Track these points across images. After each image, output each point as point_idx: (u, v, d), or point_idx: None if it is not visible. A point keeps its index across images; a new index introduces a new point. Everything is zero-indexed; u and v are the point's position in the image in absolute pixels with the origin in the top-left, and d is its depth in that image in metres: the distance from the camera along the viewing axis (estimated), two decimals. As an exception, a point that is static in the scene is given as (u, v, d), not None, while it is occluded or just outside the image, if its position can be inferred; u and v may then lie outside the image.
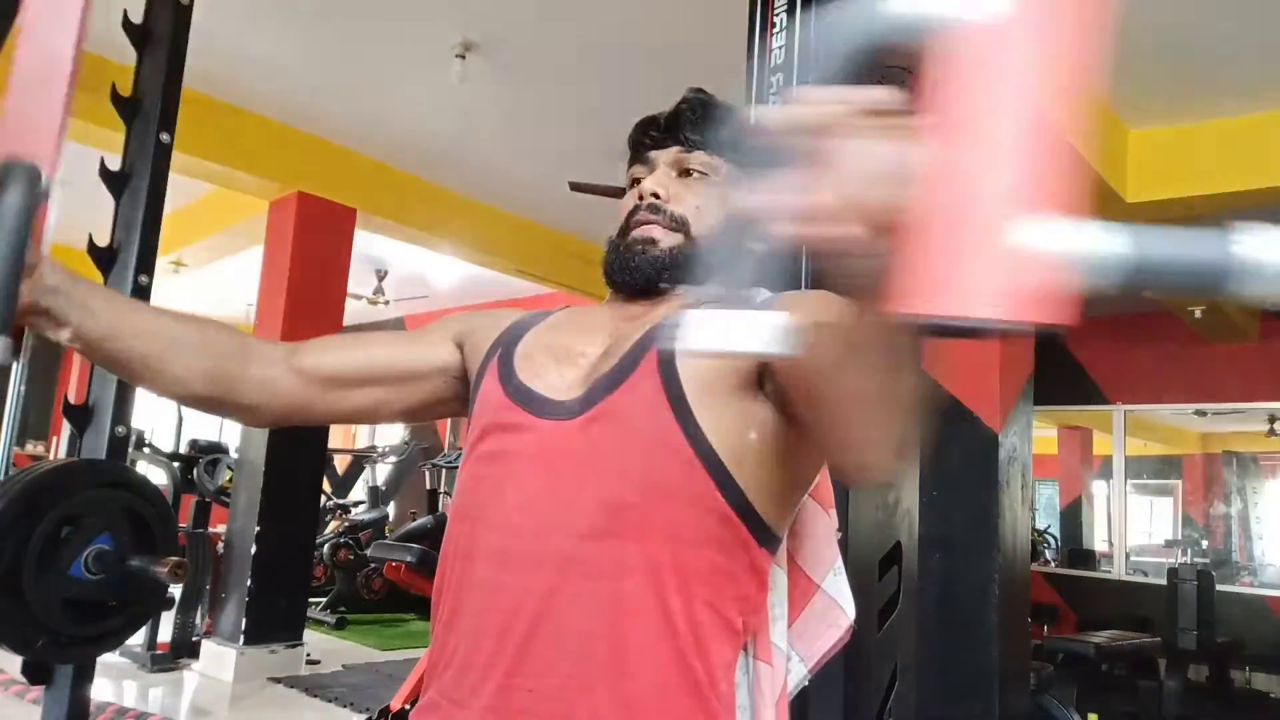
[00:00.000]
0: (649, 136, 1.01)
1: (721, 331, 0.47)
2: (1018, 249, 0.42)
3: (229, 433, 8.28)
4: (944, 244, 0.43)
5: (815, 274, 1.18)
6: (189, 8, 1.61)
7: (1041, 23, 0.43)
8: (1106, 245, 0.42)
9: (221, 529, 5.05)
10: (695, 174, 0.98)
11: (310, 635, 5.05)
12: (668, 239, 0.95)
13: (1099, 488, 8.81)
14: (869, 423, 0.64)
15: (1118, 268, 0.42)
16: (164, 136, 1.55)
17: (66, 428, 1.55)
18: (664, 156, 0.99)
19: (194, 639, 4.76)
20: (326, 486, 7.16)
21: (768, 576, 0.90)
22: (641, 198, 0.97)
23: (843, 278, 0.46)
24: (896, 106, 0.45)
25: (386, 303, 7.92)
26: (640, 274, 0.94)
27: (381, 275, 7.70)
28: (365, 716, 3.76)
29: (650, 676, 0.78)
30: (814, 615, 0.97)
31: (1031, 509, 3.40)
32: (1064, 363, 7.20)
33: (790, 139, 0.44)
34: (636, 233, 0.96)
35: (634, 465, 0.81)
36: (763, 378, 0.84)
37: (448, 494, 7.50)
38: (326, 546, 6.70)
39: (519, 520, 0.83)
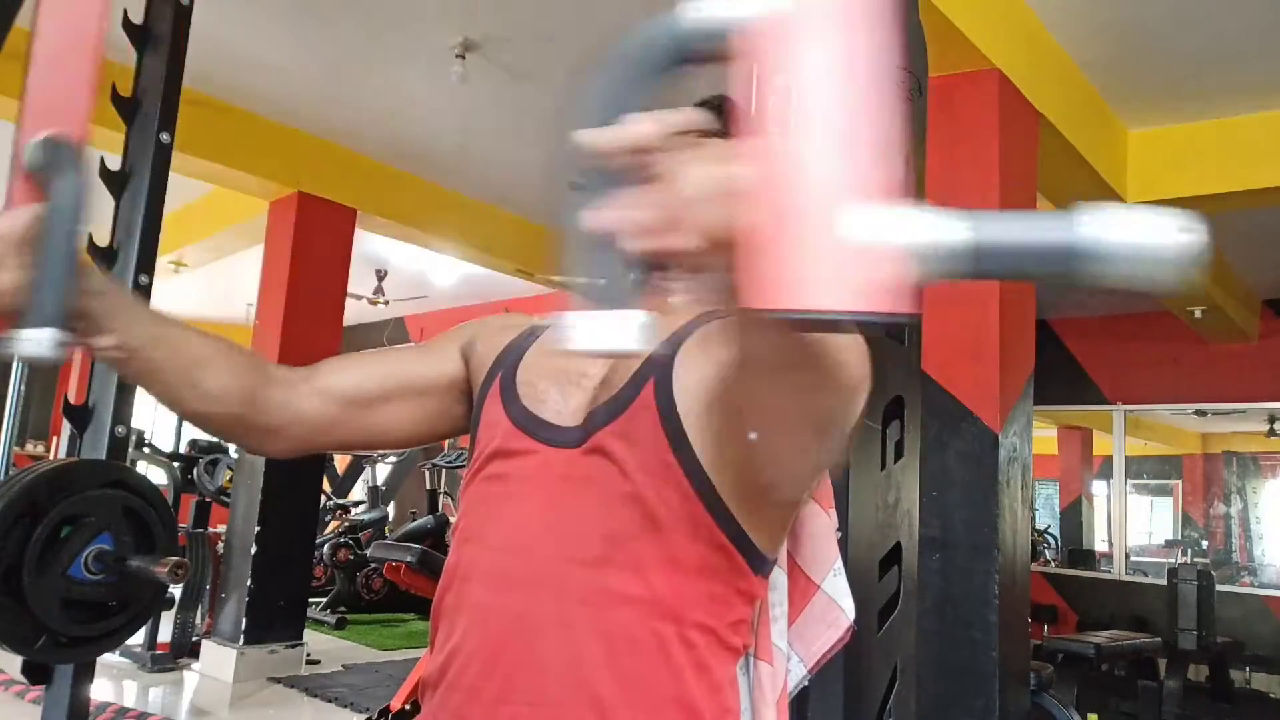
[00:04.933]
0: None
1: (591, 333, 0.48)
2: (854, 240, 0.43)
3: (229, 433, 8.27)
4: (782, 244, 0.45)
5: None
6: (189, 8, 1.60)
7: (833, 11, 0.45)
8: (946, 232, 0.43)
9: (221, 529, 5.05)
10: None
11: (310, 635, 5.05)
12: None
13: (1099, 488, 8.81)
14: (777, 437, 0.68)
15: (958, 254, 0.43)
16: (164, 136, 1.55)
17: (66, 428, 1.55)
18: None
19: (194, 639, 4.76)
20: (326, 486, 7.17)
21: (765, 599, 0.90)
22: None
23: (698, 289, 0.50)
24: (709, 125, 0.50)
25: (386, 303, 7.92)
26: None
27: (381, 275, 7.69)
28: (365, 716, 3.76)
29: (645, 705, 0.78)
30: (814, 615, 0.97)
31: (1031, 509, 3.40)
32: (1064, 362, 7.20)
33: (616, 159, 0.47)
34: None
35: (631, 496, 0.81)
36: None
37: (448, 494, 7.50)
38: (326, 546, 6.70)
39: (518, 543, 0.83)
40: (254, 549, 4.56)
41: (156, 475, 4.82)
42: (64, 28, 0.81)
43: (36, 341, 0.69)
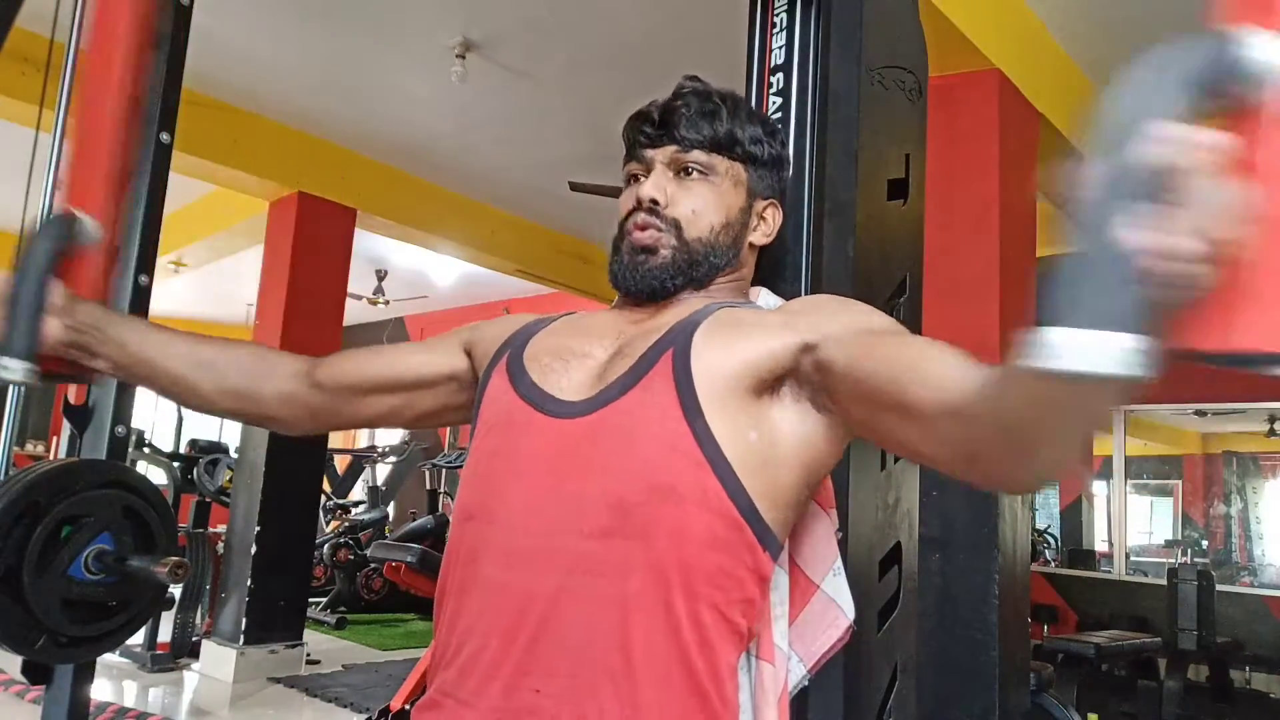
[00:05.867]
0: (643, 134, 1.00)
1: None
2: None
3: (229, 433, 8.28)
4: (1266, 279, 0.46)
5: (814, 274, 1.18)
6: (189, 8, 1.60)
7: None
8: None
9: (221, 529, 5.05)
10: (695, 173, 0.97)
11: (310, 635, 5.05)
12: (665, 246, 0.95)
13: (1099, 488, 8.81)
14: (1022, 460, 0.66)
15: None
16: (164, 136, 1.55)
17: (66, 428, 1.55)
18: (660, 155, 0.98)
19: (194, 639, 4.76)
20: (326, 486, 7.16)
21: (770, 580, 0.90)
22: (640, 203, 0.97)
23: (1158, 311, 0.48)
24: (1233, 147, 0.48)
25: (386, 303, 7.92)
26: (646, 283, 0.95)
27: (381, 275, 7.70)
28: (365, 716, 3.76)
29: (655, 678, 0.78)
30: (813, 615, 0.97)
31: (1031, 509, 3.40)
32: (1064, 363, 7.18)
33: (1149, 175, 0.47)
34: (633, 238, 0.96)
35: (641, 466, 0.81)
36: (784, 379, 0.85)
37: (448, 494, 7.50)
38: (326, 546, 6.70)
39: (525, 519, 0.83)
40: (254, 549, 4.55)
41: (156, 475, 4.82)
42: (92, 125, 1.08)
43: (11, 369, 0.91)
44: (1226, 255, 0.46)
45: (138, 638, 4.47)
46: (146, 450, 5.23)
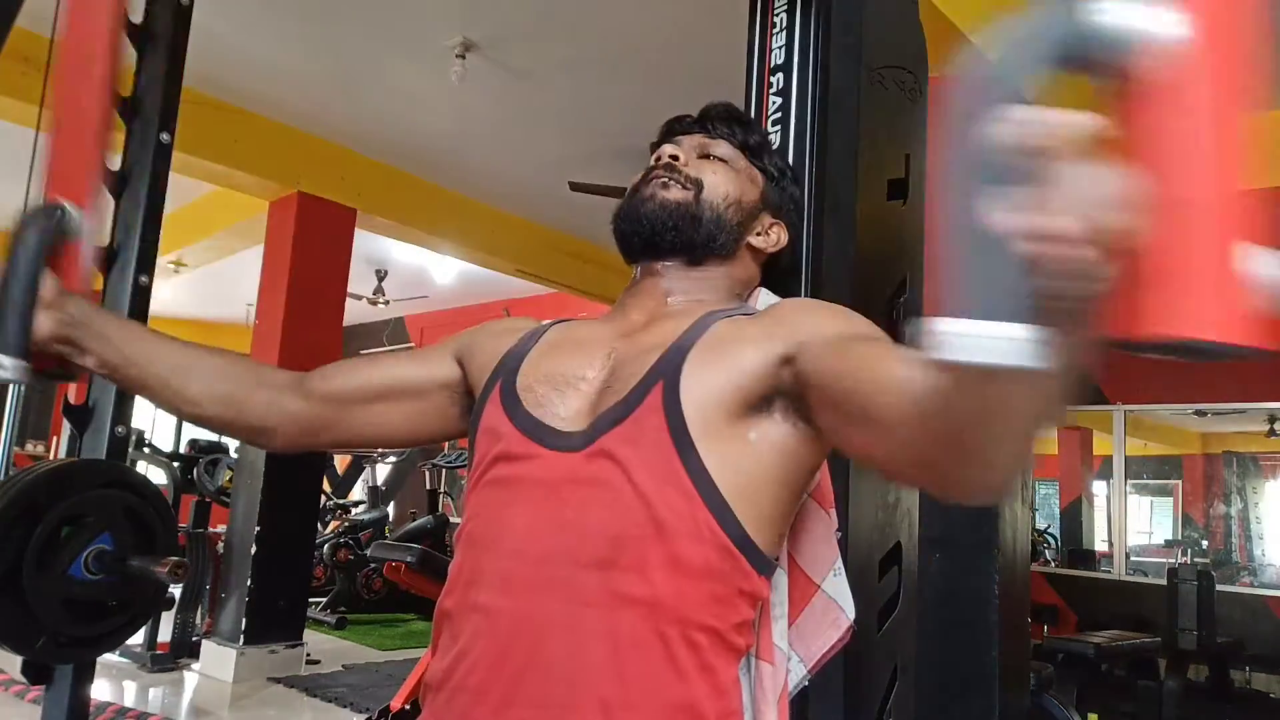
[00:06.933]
0: (674, 126, 1.06)
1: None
2: (1246, 275, 0.44)
3: (229, 433, 8.26)
4: (1168, 267, 0.44)
5: (814, 274, 1.18)
6: (189, 8, 1.60)
7: (1224, 43, 0.46)
8: None
9: (221, 529, 5.05)
10: (715, 160, 1.03)
11: (310, 635, 5.05)
12: (677, 193, 0.99)
13: (1099, 488, 8.81)
14: (978, 464, 0.61)
15: None
16: (164, 136, 1.55)
17: (66, 428, 1.55)
18: (689, 140, 1.04)
19: (194, 639, 4.76)
20: (326, 486, 7.17)
21: (767, 599, 0.90)
22: (659, 159, 1.02)
23: (1053, 300, 0.45)
24: (1106, 129, 0.45)
25: (386, 303, 7.92)
26: (646, 223, 0.98)
27: (381, 275, 7.69)
28: (365, 716, 3.76)
29: (648, 707, 0.78)
30: (814, 615, 0.97)
31: (1031, 509, 3.40)
32: (1064, 363, 7.18)
33: (1014, 157, 0.44)
34: (648, 186, 1.00)
35: (636, 499, 0.81)
36: (773, 396, 0.85)
37: (448, 494, 7.50)
38: (326, 546, 6.70)
39: (522, 546, 0.83)
40: (254, 549, 4.55)
41: (156, 475, 4.82)
42: (73, 105, 1.06)
43: (4, 367, 0.86)
44: (1121, 240, 0.43)
45: (138, 638, 4.47)
46: (146, 450, 5.23)
